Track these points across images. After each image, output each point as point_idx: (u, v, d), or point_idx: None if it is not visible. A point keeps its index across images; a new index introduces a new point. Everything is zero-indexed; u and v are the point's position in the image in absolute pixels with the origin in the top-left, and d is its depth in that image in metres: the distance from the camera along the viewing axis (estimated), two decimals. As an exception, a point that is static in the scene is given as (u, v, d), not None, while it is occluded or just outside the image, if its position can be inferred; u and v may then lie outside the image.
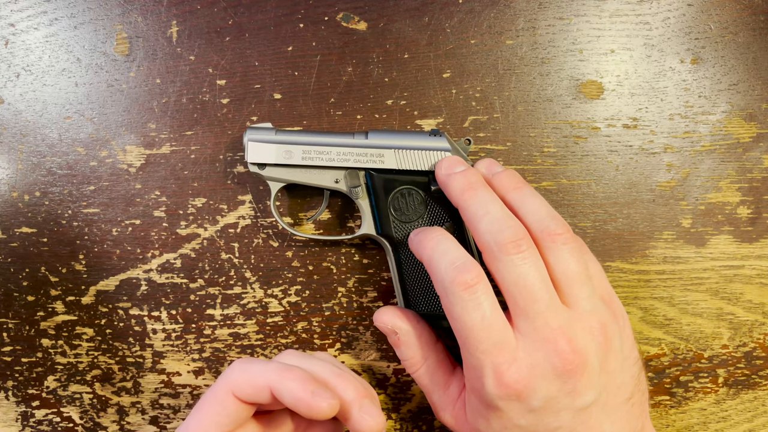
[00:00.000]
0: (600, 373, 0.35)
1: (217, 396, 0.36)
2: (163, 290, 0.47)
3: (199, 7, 0.47)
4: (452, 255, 0.36)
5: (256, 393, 0.35)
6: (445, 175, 0.40)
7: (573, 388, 0.34)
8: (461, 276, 0.34)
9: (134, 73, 0.47)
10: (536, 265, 0.35)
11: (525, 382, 0.34)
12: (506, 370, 0.34)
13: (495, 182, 0.40)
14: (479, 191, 0.38)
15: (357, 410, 0.36)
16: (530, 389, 0.34)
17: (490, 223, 0.36)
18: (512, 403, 0.34)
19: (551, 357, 0.34)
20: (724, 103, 0.47)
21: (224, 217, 0.47)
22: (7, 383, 0.48)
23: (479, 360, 0.34)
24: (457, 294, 0.34)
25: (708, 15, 0.47)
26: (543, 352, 0.34)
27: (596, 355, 0.35)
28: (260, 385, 0.34)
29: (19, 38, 0.47)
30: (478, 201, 0.37)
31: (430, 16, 0.47)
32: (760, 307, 0.47)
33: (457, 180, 0.39)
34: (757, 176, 0.47)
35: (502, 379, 0.34)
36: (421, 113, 0.47)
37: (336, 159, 0.43)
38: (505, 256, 0.35)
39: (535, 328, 0.34)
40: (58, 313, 0.47)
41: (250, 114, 0.47)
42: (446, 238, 0.37)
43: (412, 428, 0.48)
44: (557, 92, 0.47)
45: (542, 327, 0.34)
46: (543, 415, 0.34)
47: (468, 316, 0.34)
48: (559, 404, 0.34)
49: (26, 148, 0.47)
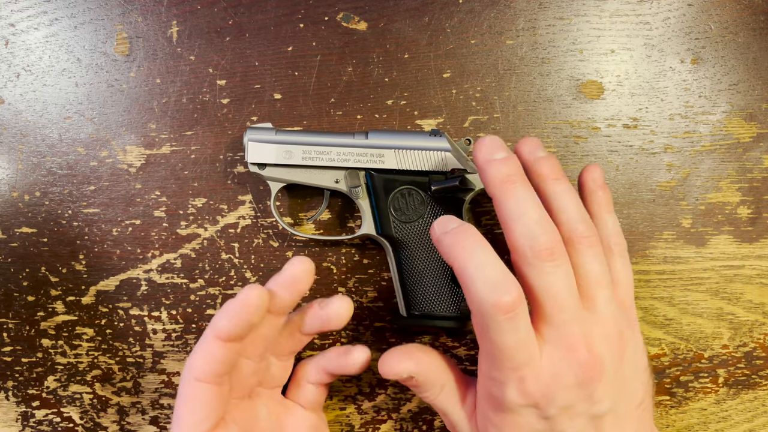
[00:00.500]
0: (614, 380, 0.35)
1: (184, 392, 0.36)
2: (164, 290, 0.47)
3: (200, 7, 0.47)
4: (490, 271, 0.32)
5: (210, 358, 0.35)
6: (484, 159, 0.36)
7: (590, 395, 0.34)
8: (502, 299, 0.31)
9: (134, 73, 0.47)
10: (567, 274, 0.34)
11: (546, 390, 0.33)
12: (530, 381, 0.33)
13: (535, 168, 0.38)
14: (518, 187, 0.35)
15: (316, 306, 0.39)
16: (550, 397, 0.33)
17: (526, 226, 0.34)
18: (529, 409, 0.34)
19: (573, 366, 0.33)
20: (724, 103, 0.47)
21: (224, 217, 0.47)
22: (7, 383, 0.48)
23: (506, 374, 0.34)
24: (494, 318, 0.32)
25: (708, 15, 0.47)
26: (566, 361, 0.33)
27: (612, 362, 0.35)
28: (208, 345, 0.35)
29: (20, 38, 0.47)
30: (517, 198, 0.35)
31: (430, 16, 0.47)
32: (760, 307, 0.47)
33: (497, 168, 0.36)
34: (757, 176, 0.47)
35: (524, 389, 0.33)
36: (421, 113, 0.47)
37: (336, 159, 0.43)
38: (539, 262, 0.34)
39: (560, 337, 0.34)
40: (59, 313, 0.47)
41: (250, 114, 0.47)
42: (482, 247, 0.33)
43: (412, 428, 0.48)
44: (557, 92, 0.47)
45: (567, 336, 0.34)
46: (558, 422, 0.34)
47: (503, 339, 0.33)
48: (576, 411, 0.34)
49: (26, 148, 0.47)
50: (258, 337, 0.38)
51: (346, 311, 0.39)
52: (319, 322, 0.40)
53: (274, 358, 0.41)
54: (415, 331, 0.47)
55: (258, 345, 0.38)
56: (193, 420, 0.35)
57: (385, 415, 0.48)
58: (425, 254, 0.43)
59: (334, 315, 0.39)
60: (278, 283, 0.37)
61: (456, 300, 0.43)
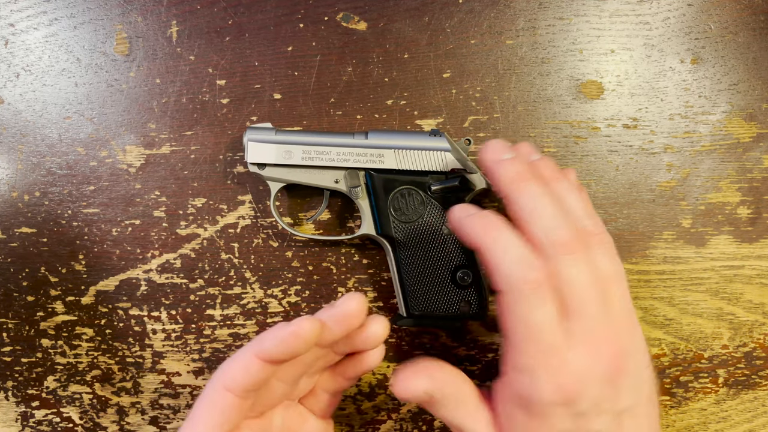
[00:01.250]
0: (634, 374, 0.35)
1: (209, 395, 0.36)
2: (163, 290, 0.47)
3: (199, 7, 0.47)
4: (517, 250, 0.33)
5: (245, 372, 0.35)
6: (492, 161, 0.37)
7: (616, 391, 0.34)
8: (530, 273, 0.33)
9: (134, 73, 0.47)
10: (588, 266, 0.34)
11: (578, 386, 0.33)
12: (561, 375, 0.33)
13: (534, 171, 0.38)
14: (530, 183, 0.35)
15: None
16: (581, 393, 0.33)
17: (543, 220, 0.34)
18: (560, 408, 0.33)
19: (602, 359, 0.33)
20: (724, 103, 0.47)
21: (224, 217, 0.47)
22: (6, 383, 0.48)
23: (533, 364, 0.33)
24: (524, 292, 0.33)
25: (708, 15, 0.47)
26: (594, 355, 0.33)
27: (631, 357, 0.35)
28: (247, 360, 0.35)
29: (19, 38, 0.47)
30: (531, 194, 0.35)
31: (430, 16, 0.47)
32: (760, 307, 0.47)
33: (506, 168, 0.36)
34: (757, 176, 0.47)
35: (557, 381, 0.33)
36: (421, 113, 0.47)
37: (336, 159, 0.43)
38: (560, 255, 0.34)
39: (586, 330, 0.33)
40: (58, 313, 0.47)
41: (250, 114, 0.47)
42: (506, 228, 0.35)
43: (412, 428, 0.48)
44: (557, 92, 0.47)
45: (593, 329, 0.33)
46: (586, 420, 0.34)
47: (532, 315, 0.33)
48: (602, 408, 0.34)
49: (26, 148, 0.47)
50: (297, 362, 0.38)
51: (383, 330, 0.39)
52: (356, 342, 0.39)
53: (305, 377, 0.41)
54: (415, 331, 0.47)
55: (295, 370, 0.38)
56: (209, 424, 0.36)
57: (385, 415, 0.48)
58: (425, 254, 0.43)
59: (371, 335, 0.39)
60: (331, 317, 0.37)
61: (456, 300, 0.43)
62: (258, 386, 0.36)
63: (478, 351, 0.47)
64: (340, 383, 0.42)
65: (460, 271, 0.43)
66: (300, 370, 0.39)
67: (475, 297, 0.43)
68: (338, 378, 0.42)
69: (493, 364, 0.47)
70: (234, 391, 0.35)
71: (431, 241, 0.43)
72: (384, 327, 0.39)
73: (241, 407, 0.36)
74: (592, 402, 0.33)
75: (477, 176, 0.43)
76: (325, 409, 0.43)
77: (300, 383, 0.41)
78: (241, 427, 0.37)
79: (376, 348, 0.40)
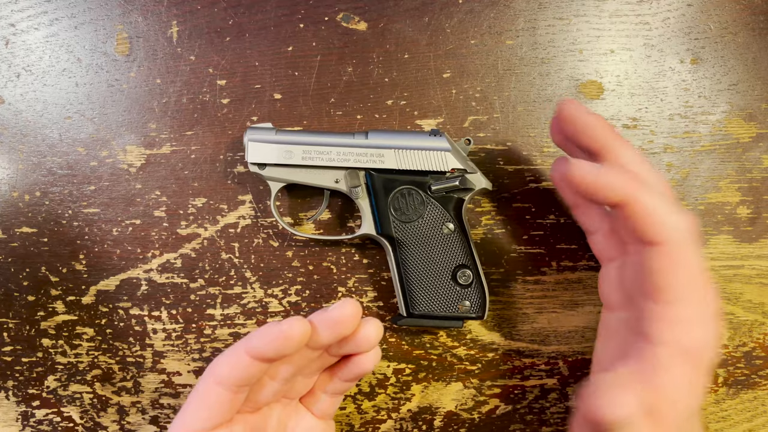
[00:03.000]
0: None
1: (200, 389, 0.37)
2: (164, 290, 0.47)
3: (200, 7, 0.47)
4: (666, 201, 0.33)
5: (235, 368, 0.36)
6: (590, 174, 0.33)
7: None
8: (687, 222, 0.32)
9: (135, 73, 0.47)
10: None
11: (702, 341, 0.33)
12: (718, 324, 0.34)
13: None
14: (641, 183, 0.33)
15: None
16: (703, 354, 0.33)
17: (667, 215, 0.32)
18: (713, 357, 0.33)
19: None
20: (724, 103, 0.47)
21: (224, 217, 0.47)
22: (7, 383, 0.48)
23: (698, 314, 0.32)
24: (687, 240, 0.32)
25: (707, 15, 0.47)
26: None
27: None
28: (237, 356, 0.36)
29: (20, 38, 0.47)
30: (649, 193, 0.33)
31: (430, 16, 0.47)
32: (760, 307, 0.47)
33: (612, 178, 0.33)
34: (756, 176, 0.47)
35: (717, 331, 0.33)
36: (421, 113, 0.47)
37: (336, 159, 0.43)
38: (694, 245, 0.33)
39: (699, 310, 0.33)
40: (59, 312, 0.47)
41: (250, 114, 0.47)
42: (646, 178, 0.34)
43: (412, 428, 0.48)
44: (557, 92, 0.47)
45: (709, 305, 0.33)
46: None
47: (696, 262, 0.32)
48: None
49: (27, 148, 0.47)
50: (288, 363, 0.38)
51: (376, 333, 0.39)
52: (350, 345, 0.39)
53: (300, 377, 0.41)
54: (415, 330, 0.47)
55: (286, 370, 0.38)
56: (199, 416, 0.36)
57: (385, 415, 0.48)
58: (425, 254, 0.43)
59: (363, 338, 0.39)
60: (322, 321, 0.37)
61: (456, 300, 0.43)
62: (248, 382, 0.36)
63: (478, 351, 0.47)
64: (338, 385, 0.42)
65: (460, 270, 0.43)
66: (292, 370, 0.39)
67: (475, 297, 0.43)
68: (336, 380, 0.42)
69: (493, 364, 0.47)
70: (224, 386, 0.36)
71: (431, 241, 0.43)
72: (377, 330, 0.39)
73: (231, 402, 0.36)
74: (707, 365, 0.33)
75: (477, 176, 0.44)
76: (325, 410, 0.43)
77: (296, 383, 0.41)
78: (235, 421, 0.38)
79: (370, 351, 0.40)
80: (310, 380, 0.42)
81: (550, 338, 0.47)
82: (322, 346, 0.38)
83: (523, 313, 0.47)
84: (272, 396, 0.39)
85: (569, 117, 0.36)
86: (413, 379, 0.47)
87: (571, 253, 0.47)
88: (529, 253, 0.47)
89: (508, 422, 0.48)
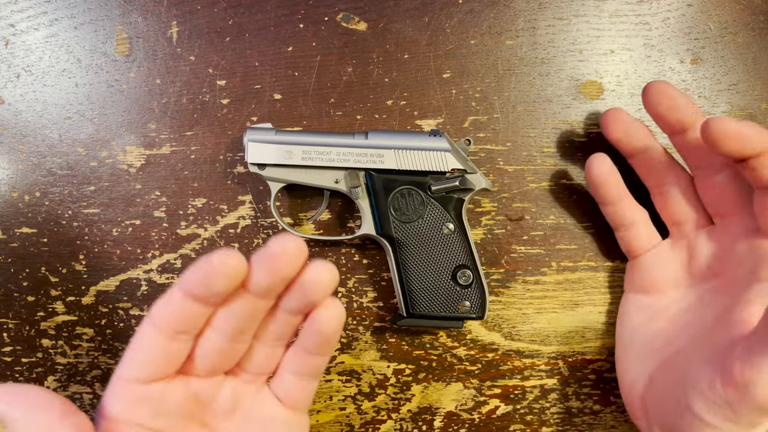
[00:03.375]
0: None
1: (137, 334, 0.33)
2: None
3: (200, 7, 0.47)
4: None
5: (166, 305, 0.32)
6: (737, 129, 0.35)
7: None
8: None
9: (134, 74, 0.47)
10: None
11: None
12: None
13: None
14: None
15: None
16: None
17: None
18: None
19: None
20: (724, 103, 0.47)
21: (224, 217, 0.47)
22: (7, 383, 0.48)
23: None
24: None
25: (707, 15, 0.47)
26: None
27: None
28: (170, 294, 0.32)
29: (20, 39, 0.47)
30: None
31: (430, 16, 0.47)
32: (760, 307, 0.47)
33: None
34: (756, 176, 0.47)
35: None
36: (421, 113, 0.47)
37: (336, 159, 0.43)
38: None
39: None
40: (59, 313, 0.47)
41: (250, 114, 0.47)
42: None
43: (412, 428, 0.48)
44: (557, 92, 0.47)
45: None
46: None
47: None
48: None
49: (26, 148, 0.47)
50: (229, 310, 0.33)
51: (326, 276, 0.32)
52: (298, 294, 0.33)
53: (258, 343, 0.36)
54: (415, 331, 0.47)
55: (229, 322, 0.33)
56: (134, 362, 0.33)
57: (385, 415, 0.48)
58: (425, 254, 0.43)
59: (311, 282, 0.32)
60: (259, 257, 0.32)
61: (456, 300, 0.43)
62: (184, 326, 0.32)
63: (478, 351, 0.47)
64: (304, 360, 0.37)
65: (460, 271, 0.43)
66: (237, 322, 0.34)
67: (475, 297, 0.43)
68: (300, 353, 0.37)
69: (493, 364, 0.47)
70: (158, 328, 0.32)
71: (431, 241, 0.43)
72: (328, 273, 0.32)
73: (167, 349, 0.33)
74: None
75: (477, 176, 0.44)
76: (294, 396, 0.38)
77: (255, 353, 0.36)
78: (176, 380, 0.34)
79: (326, 305, 0.34)
80: (272, 352, 0.37)
81: (550, 338, 0.47)
82: (262, 289, 0.32)
83: (523, 313, 0.47)
84: (219, 356, 0.35)
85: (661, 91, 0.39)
86: (413, 379, 0.47)
87: (571, 253, 0.47)
88: (529, 253, 0.47)
89: (508, 422, 0.48)
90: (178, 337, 0.33)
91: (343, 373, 0.47)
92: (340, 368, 0.47)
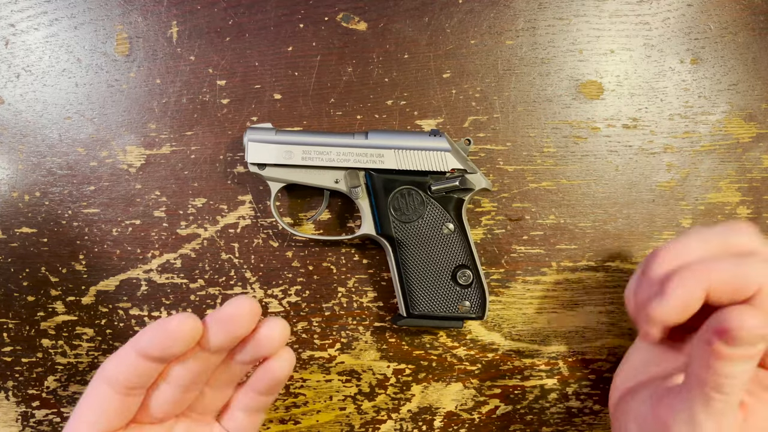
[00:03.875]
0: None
1: (90, 388, 0.34)
2: (164, 290, 0.47)
3: (200, 7, 0.47)
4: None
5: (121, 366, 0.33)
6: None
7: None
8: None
9: (134, 74, 0.47)
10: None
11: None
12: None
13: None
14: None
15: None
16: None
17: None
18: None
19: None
20: (724, 103, 0.47)
21: (224, 217, 0.47)
22: (7, 383, 0.48)
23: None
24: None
25: (707, 15, 0.47)
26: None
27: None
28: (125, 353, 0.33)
29: (20, 38, 0.47)
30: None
31: (430, 17, 0.47)
32: (760, 307, 0.47)
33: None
34: (756, 176, 0.47)
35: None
36: (421, 113, 0.47)
37: (336, 159, 0.43)
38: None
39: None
40: (59, 313, 0.47)
41: (250, 114, 0.47)
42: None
43: (412, 428, 0.48)
44: (557, 92, 0.47)
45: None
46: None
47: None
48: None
49: (26, 148, 0.47)
50: (183, 366, 0.35)
51: (279, 333, 0.35)
52: (252, 348, 0.35)
53: (209, 388, 0.38)
54: (415, 331, 0.47)
55: (182, 374, 0.35)
56: (87, 419, 0.33)
57: (385, 415, 0.48)
58: (425, 254, 0.43)
59: (264, 339, 0.35)
60: (214, 319, 0.34)
61: (456, 300, 0.43)
62: (138, 384, 0.33)
63: (478, 351, 0.47)
64: (253, 399, 0.38)
65: (460, 270, 0.43)
66: (189, 375, 0.35)
67: (475, 297, 0.43)
68: (250, 393, 0.38)
69: (493, 364, 0.47)
70: (112, 386, 0.33)
71: (431, 241, 0.43)
72: (281, 330, 0.35)
73: (121, 406, 0.33)
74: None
75: (477, 176, 0.44)
76: (244, 430, 0.39)
77: (206, 397, 0.38)
78: (131, 429, 0.35)
79: (279, 355, 0.36)
80: (222, 394, 0.38)
81: (550, 338, 0.47)
82: (217, 347, 0.34)
83: (523, 313, 0.47)
84: (172, 405, 0.36)
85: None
86: (413, 379, 0.47)
87: (571, 253, 0.47)
88: (529, 253, 0.47)
89: (508, 422, 0.48)
90: (131, 392, 0.34)
91: (343, 373, 0.47)
92: (340, 368, 0.47)
